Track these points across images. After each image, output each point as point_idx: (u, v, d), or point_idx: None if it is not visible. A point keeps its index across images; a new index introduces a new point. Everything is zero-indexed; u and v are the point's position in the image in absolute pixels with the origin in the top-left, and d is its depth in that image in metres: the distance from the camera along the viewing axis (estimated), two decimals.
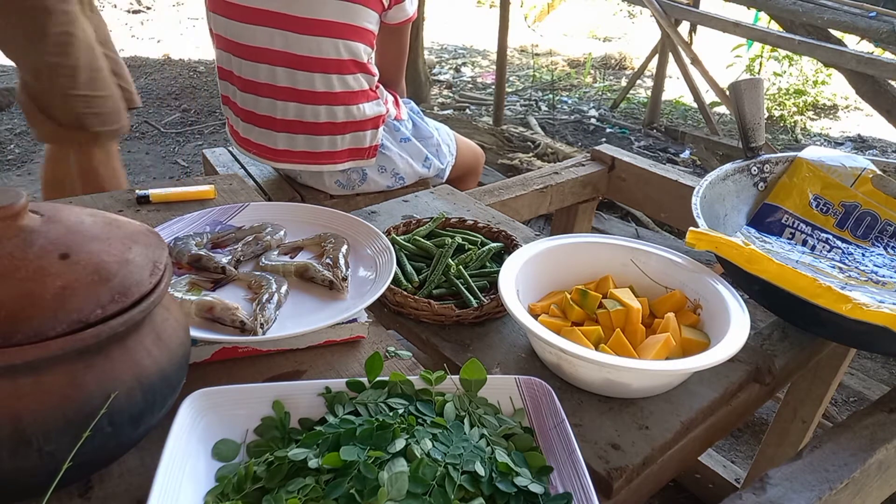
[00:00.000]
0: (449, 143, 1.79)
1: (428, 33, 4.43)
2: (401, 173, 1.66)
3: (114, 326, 0.53)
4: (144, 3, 6.75)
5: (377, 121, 1.57)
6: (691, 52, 3.63)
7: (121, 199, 1.12)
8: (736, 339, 0.78)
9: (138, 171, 3.32)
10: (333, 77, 1.47)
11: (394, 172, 1.65)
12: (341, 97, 1.50)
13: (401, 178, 1.67)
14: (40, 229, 0.55)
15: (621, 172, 1.60)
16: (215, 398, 0.64)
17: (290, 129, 1.53)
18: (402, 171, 1.65)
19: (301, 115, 1.51)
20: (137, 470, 0.63)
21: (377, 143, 1.59)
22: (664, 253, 0.97)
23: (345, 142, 1.55)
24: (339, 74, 1.47)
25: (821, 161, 1.19)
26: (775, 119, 4.69)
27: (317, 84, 1.47)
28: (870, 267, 1.08)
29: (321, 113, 1.50)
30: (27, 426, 0.50)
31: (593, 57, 5.98)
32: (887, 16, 2.65)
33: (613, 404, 0.81)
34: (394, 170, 1.64)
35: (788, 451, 1.31)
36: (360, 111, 1.53)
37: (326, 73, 1.46)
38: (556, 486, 0.60)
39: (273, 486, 0.56)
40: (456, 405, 0.66)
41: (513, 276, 0.88)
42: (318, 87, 1.48)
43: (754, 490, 0.74)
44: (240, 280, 0.87)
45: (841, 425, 0.85)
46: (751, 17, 4.75)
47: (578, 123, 4.31)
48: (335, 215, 1.02)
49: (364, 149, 1.58)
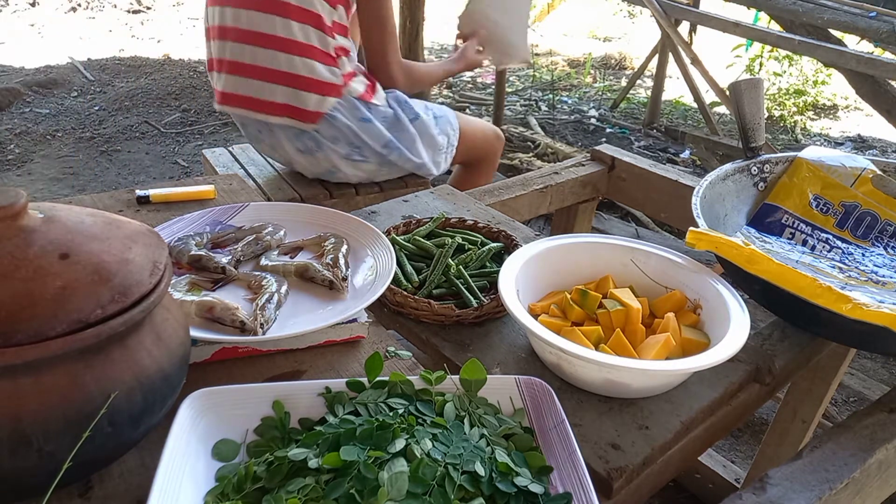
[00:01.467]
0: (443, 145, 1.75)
1: (428, 33, 4.42)
2: (358, 144, 1.60)
3: (114, 326, 0.53)
4: (144, 3, 6.75)
5: (327, 88, 1.52)
6: (691, 52, 3.63)
7: (121, 199, 1.12)
8: (736, 339, 0.78)
9: (138, 171, 3.32)
10: (276, 19, 1.45)
11: (349, 142, 1.60)
12: (280, 42, 1.47)
13: (357, 147, 1.61)
14: (40, 229, 0.55)
15: (621, 172, 1.60)
16: (215, 398, 0.64)
17: (235, 70, 1.54)
18: (360, 143, 1.60)
19: (241, 55, 1.51)
20: (137, 470, 0.63)
21: (323, 112, 1.54)
22: (664, 253, 0.97)
23: (282, 94, 1.52)
24: (281, 17, 1.45)
25: (821, 161, 1.19)
26: (775, 119, 4.69)
27: (259, 24, 1.46)
28: (870, 267, 1.08)
29: (258, 55, 1.50)
30: (27, 426, 0.50)
31: (593, 57, 5.98)
32: (887, 16, 2.66)
33: (613, 404, 0.81)
34: (349, 141, 1.59)
35: (788, 451, 1.31)
36: (306, 66, 1.49)
37: (269, 14, 1.45)
38: (556, 486, 0.60)
39: (273, 486, 0.56)
40: (456, 405, 0.66)
41: (513, 276, 0.88)
42: (260, 28, 1.47)
43: (754, 490, 0.74)
44: (240, 280, 0.87)
45: (841, 425, 0.85)
46: (751, 17, 4.75)
47: (578, 123, 4.31)
48: (335, 215, 1.02)
49: (305, 111, 1.53)
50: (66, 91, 4.26)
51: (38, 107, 3.95)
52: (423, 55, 4.06)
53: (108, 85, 4.42)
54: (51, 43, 5.33)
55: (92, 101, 4.13)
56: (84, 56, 4.98)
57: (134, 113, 3.99)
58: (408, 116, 1.68)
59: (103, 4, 6.48)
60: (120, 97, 4.16)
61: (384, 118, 1.64)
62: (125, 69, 4.74)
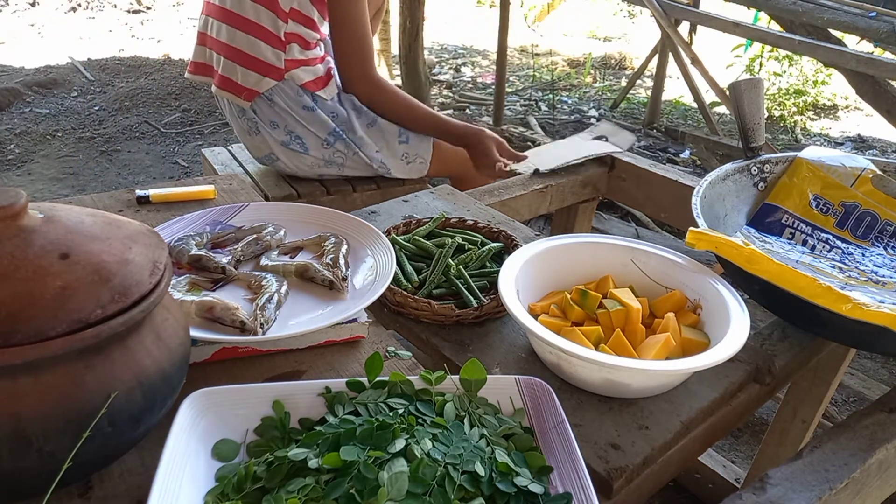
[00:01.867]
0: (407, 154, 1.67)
1: (428, 33, 4.42)
2: (298, 134, 1.57)
3: (114, 326, 0.53)
4: (144, 3, 6.75)
5: (266, 68, 1.51)
6: (691, 52, 3.62)
7: (121, 199, 1.12)
8: (736, 339, 0.78)
9: (138, 171, 3.32)
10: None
11: (288, 129, 1.57)
12: (231, 16, 1.50)
13: (298, 137, 1.58)
14: (40, 229, 0.55)
15: (621, 172, 1.60)
16: (215, 398, 0.64)
17: (200, 41, 1.62)
18: (300, 133, 1.57)
19: (206, 26, 1.58)
20: (137, 470, 0.63)
21: (259, 91, 1.52)
22: (664, 253, 0.97)
23: (224, 66, 1.54)
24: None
25: (821, 161, 1.18)
26: (775, 119, 4.69)
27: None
28: (870, 267, 1.08)
29: (215, 27, 1.54)
30: (27, 426, 0.51)
31: (593, 57, 5.98)
32: (887, 16, 2.65)
33: (613, 404, 0.81)
34: (287, 127, 1.57)
35: (788, 451, 1.31)
36: (250, 43, 1.49)
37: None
38: (556, 486, 0.60)
39: (273, 486, 0.56)
40: (456, 405, 0.66)
41: (513, 276, 0.88)
42: (223, 2, 1.51)
43: (754, 490, 0.74)
44: (240, 280, 0.87)
45: (841, 425, 0.85)
46: (751, 17, 4.74)
47: (578, 123, 4.30)
48: (335, 215, 1.02)
49: (242, 87, 1.53)
50: (66, 91, 4.26)
51: (38, 107, 3.95)
52: (423, 55, 4.06)
53: (108, 85, 4.42)
54: (51, 43, 5.33)
55: (92, 101, 4.13)
56: (84, 56, 4.98)
57: (134, 113, 3.99)
58: (363, 121, 1.62)
59: (103, 4, 6.48)
60: (120, 97, 4.16)
61: (332, 113, 1.59)
62: (125, 69, 4.74)
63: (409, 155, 1.67)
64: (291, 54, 1.52)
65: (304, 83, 1.55)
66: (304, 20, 1.52)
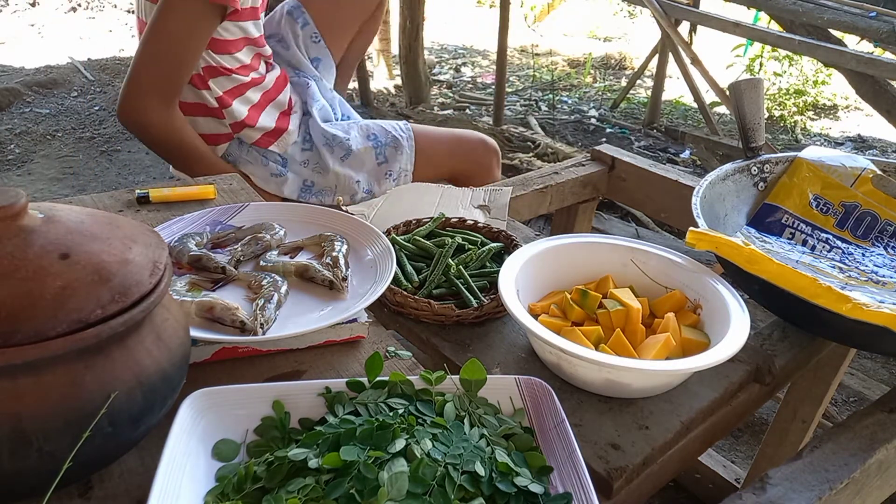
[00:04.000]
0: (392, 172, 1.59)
1: (428, 33, 4.42)
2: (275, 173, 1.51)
3: (114, 326, 0.53)
4: None
5: (214, 138, 1.46)
6: (691, 52, 3.62)
7: (121, 199, 1.12)
8: (736, 339, 0.78)
9: (138, 171, 3.32)
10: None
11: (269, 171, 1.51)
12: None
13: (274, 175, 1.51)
14: (40, 229, 0.55)
15: (621, 172, 1.60)
16: (215, 398, 0.64)
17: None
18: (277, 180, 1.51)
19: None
20: (137, 470, 0.63)
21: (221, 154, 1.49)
22: (664, 253, 0.97)
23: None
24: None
25: (821, 161, 1.18)
26: (775, 119, 4.69)
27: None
28: (870, 267, 1.08)
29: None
30: (27, 426, 0.50)
31: (593, 57, 5.98)
32: (887, 16, 2.66)
33: (613, 404, 0.81)
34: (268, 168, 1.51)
35: (788, 451, 1.31)
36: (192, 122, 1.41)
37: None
38: (556, 486, 0.60)
39: (273, 486, 0.56)
40: (456, 405, 0.66)
41: (513, 276, 0.88)
42: None
43: (754, 490, 0.74)
44: (240, 280, 0.87)
45: (841, 425, 0.85)
46: (751, 17, 4.75)
47: (578, 123, 4.30)
48: (335, 215, 1.02)
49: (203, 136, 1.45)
50: (66, 91, 4.26)
51: (38, 107, 3.95)
52: (424, 55, 4.07)
53: (108, 85, 4.42)
54: (51, 43, 5.33)
55: (92, 101, 4.13)
56: (84, 56, 4.98)
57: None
58: (336, 156, 1.54)
59: (103, 4, 6.48)
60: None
61: (303, 162, 1.53)
62: (125, 69, 4.72)
63: (392, 172, 1.60)
64: (233, 116, 1.44)
65: (256, 141, 1.49)
66: (222, 72, 1.40)
